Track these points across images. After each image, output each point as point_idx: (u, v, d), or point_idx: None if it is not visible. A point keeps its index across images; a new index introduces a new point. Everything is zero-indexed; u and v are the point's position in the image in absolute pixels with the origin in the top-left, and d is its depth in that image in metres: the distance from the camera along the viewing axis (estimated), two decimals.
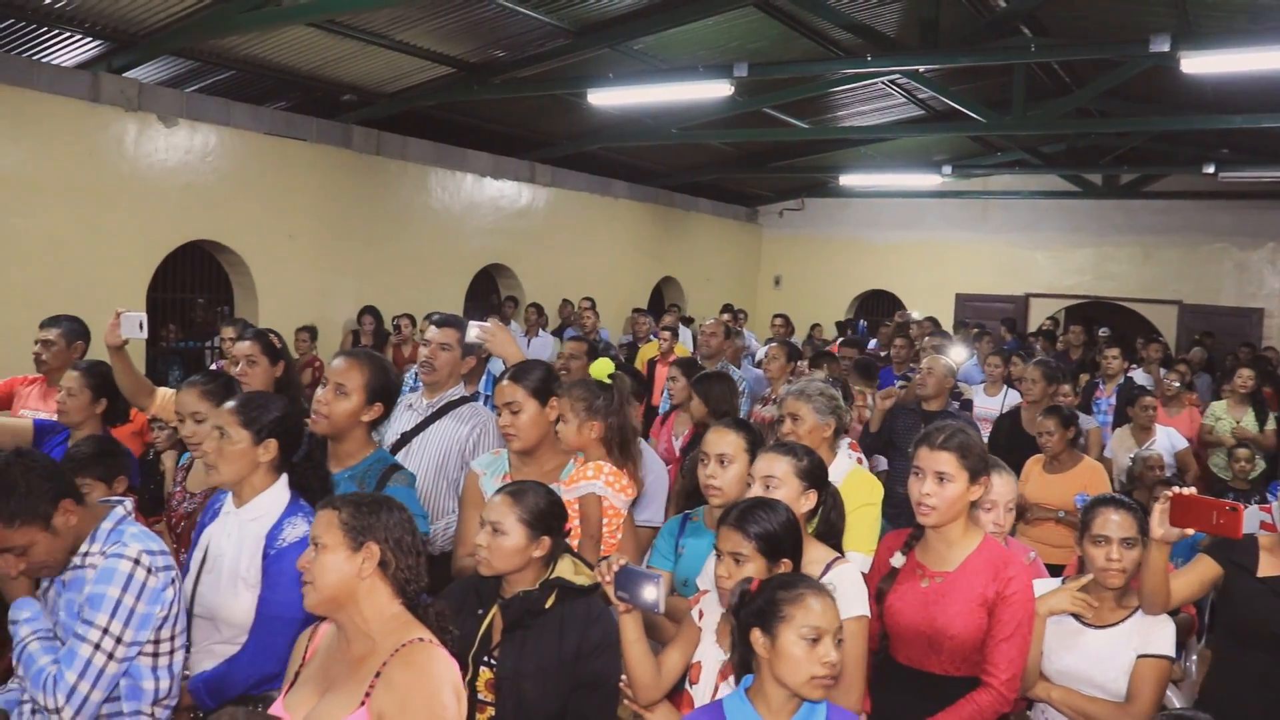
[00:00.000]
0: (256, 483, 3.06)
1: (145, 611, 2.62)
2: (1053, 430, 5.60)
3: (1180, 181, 15.14)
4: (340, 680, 2.36)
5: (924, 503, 3.00)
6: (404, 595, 2.42)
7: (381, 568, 2.38)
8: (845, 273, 18.24)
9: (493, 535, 2.87)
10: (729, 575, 2.73)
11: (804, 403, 3.94)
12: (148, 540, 2.71)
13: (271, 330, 4.58)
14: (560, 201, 14.02)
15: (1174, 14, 8.97)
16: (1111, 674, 3.16)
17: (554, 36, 9.45)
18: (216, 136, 9.54)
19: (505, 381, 3.65)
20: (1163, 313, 16.04)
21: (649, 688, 2.79)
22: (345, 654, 2.40)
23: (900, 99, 12.63)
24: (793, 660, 2.39)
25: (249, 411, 3.07)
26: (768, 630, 2.42)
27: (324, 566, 2.36)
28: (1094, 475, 5.55)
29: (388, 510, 2.45)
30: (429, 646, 2.37)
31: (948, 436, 3.02)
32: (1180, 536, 2.98)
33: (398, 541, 2.41)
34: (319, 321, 10.28)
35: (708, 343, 7.67)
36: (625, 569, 2.69)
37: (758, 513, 2.79)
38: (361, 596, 2.37)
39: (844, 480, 3.80)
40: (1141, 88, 11.52)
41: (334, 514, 2.41)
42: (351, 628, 2.39)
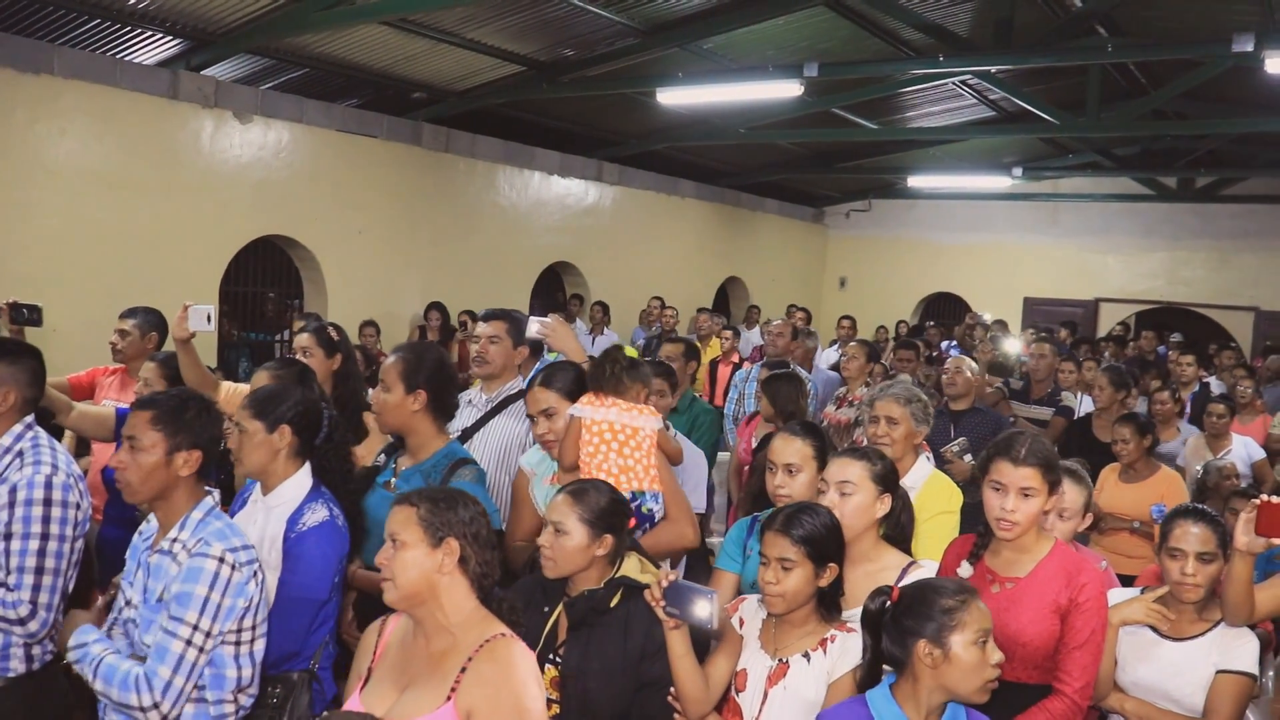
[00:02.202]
0: (279, 470, 3.16)
1: (230, 604, 2.68)
2: (1128, 438, 5.48)
3: (1259, 185, 14.80)
4: (421, 676, 2.37)
5: (1007, 519, 2.93)
6: (480, 590, 2.44)
7: (461, 563, 2.40)
8: (911, 275, 18.07)
9: (555, 535, 2.87)
10: (776, 581, 2.72)
11: (903, 407, 3.92)
12: (231, 536, 2.77)
13: (332, 323, 4.61)
14: (627, 200, 14.05)
15: (1259, 12, 8.77)
16: (1188, 688, 3.10)
17: (624, 35, 9.47)
18: (289, 133, 9.69)
19: (537, 387, 3.60)
20: (1238, 319, 15.68)
21: (699, 701, 2.77)
22: (424, 650, 2.41)
23: (971, 100, 12.49)
24: (968, 667, 2.37)
25: (260, 404, 3.17)
26: (937, 640, 2.39)
27: (404, 563, 2.37)
28: (1171, 485, 5.43)
29: (464, 505, 2.46)
30: (511, 641, 2.38)
31: (1029, 450, 2.94)
32: (1266, 546, 2.92)
33: (475, 536, 2.42)
34: (386, 317, 10.39)
35: (774, 343, 7.63)
36: (676, 585, 2.68)
37: (802, 517, 2.78)
38: (441, 592, 2.38)
39: (923, 486, 3.77)
40: (1221, 89, 11.27)
41: (412, 510, 2.42)
42: (431, 623, 2.39)
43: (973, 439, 5.55)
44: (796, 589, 2.72)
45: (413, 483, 3.40)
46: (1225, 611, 3.11)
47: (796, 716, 2.72)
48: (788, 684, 2.74)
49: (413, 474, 3.49)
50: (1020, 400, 7.30)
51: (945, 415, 5.93)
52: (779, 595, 2.72)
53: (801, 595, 2.74)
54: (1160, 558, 3.25)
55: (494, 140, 11.90)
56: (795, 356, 7.73)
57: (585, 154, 13.20)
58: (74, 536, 3.07)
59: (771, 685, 2.76)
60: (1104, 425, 6.35)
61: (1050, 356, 7.42)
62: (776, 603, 2.74)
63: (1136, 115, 11.08)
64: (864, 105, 11.96)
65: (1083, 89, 10.55)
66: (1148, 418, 5.90)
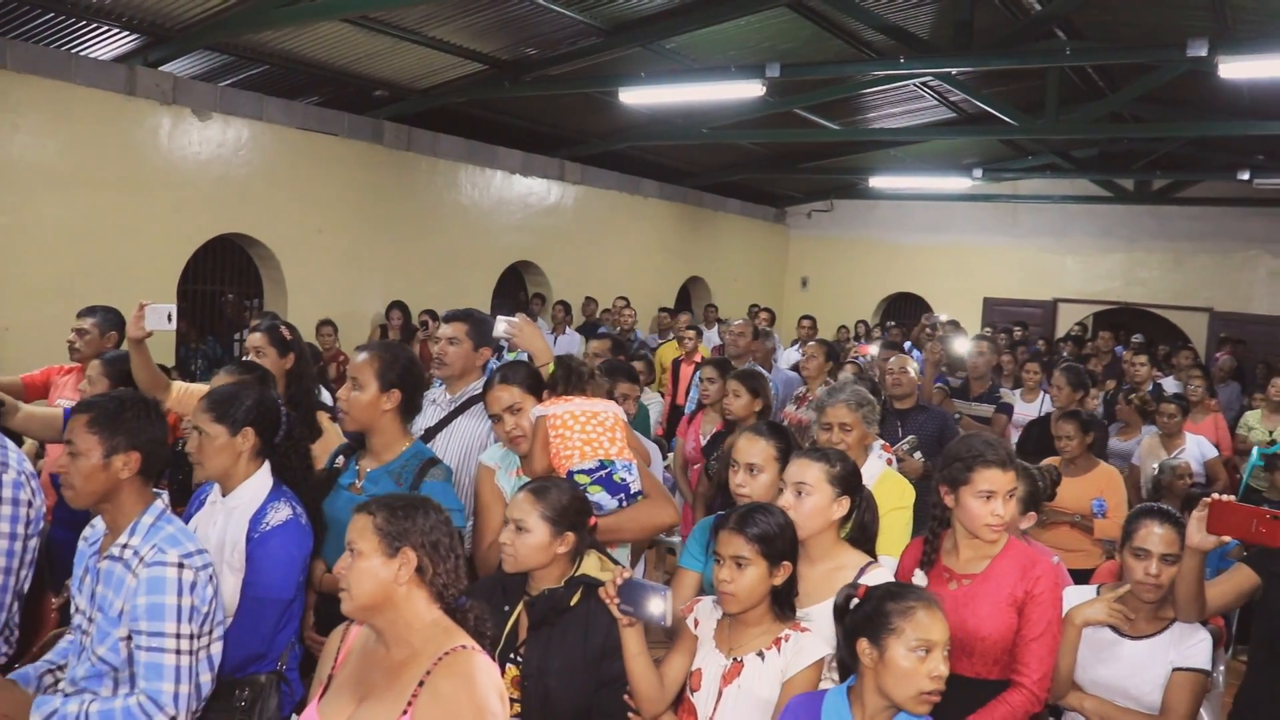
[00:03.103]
0: (240, 472, 3.14)
1: (198, 605, 2.67)
2: (1072, 435, 5.59)
3: (1213, 188, 15.01)
4: (379, 687, 2.32)
5: (996, 524, 3.02)
6: (442, 600, 2.38)
7: (418, 574, 2.34)
8: (872, 275, 18.19)
9: (516, 533, 2.87)
10: (731, 579, 2.73)
11: (854, 412, 3.95)
12: (184, 541, 2.74)
13: (284, 322, 4.57)
14: (589, 199, 14.04)
15: (1212, 18, 8.89)
16: (1146, 686, 3.15)
17: (586, 35, 9.46)
18: (249, 130, 9.60)
19: (497, 386, 3.57)
20: (1193, 320, 15.90)
21: (654, 700, 2.78)
22: (384, 660, 2.36)
23: (931, 101, 12.58)
24: (902, 674, 2.38)
25: (220, 406, 3.13)
26: (875, 641, 2.41)
27: (360, 573, 2.31)
28: (1110, 480, 5.53)
29: (424, 513, 2.39)
30: (472, 654, 2.32)
31: (1008, 454, 3.07)
32: (1217, 544, 2.96)
33: (434, 545, 2.36)
34: (347, 316, 10.33)
35: (735, 343, 7.64)
36: (630, 582, 2.68)
37: (757, 516, 2.79)
38: (399, 603, 2.32)
39: (876, 483, 3.79)
40: (1176, 92, 11.43)
41: (369, 519, 2.36)
42: (391, 633, 2.34)
43: (920, 437, 5.62)
44: (750, 587, 2.73)
45: (381, 484, 3.38)
46: (1178, 608, 3.15)
47: (751, 715, 2.72)
48: (742, 683, 2.75)
49: (380, 475, 3.45)
50: (961, 398, 7.37)
51: (892, 414, 5.97)
52: (732, 593, 2.73)
53: (755, 594, 2.74)
54: (1123, 556, 3.27)
55: (456, 139, 11.86)
56: (755, 357, 7.75)
57: (547, 153, 13.18)
58: (26, 535, 3.02)
59: (726, 684, 2.77)
60: None
61: (989, 354, 7.49)
62: (730, 601, 2.75)
63: (1094, 118, 11.20)
64: (825, 106, 12.02)
65: (1042, 91, 10.64)
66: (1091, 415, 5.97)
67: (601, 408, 3.51)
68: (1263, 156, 13.45)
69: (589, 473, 3.31)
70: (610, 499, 3.33)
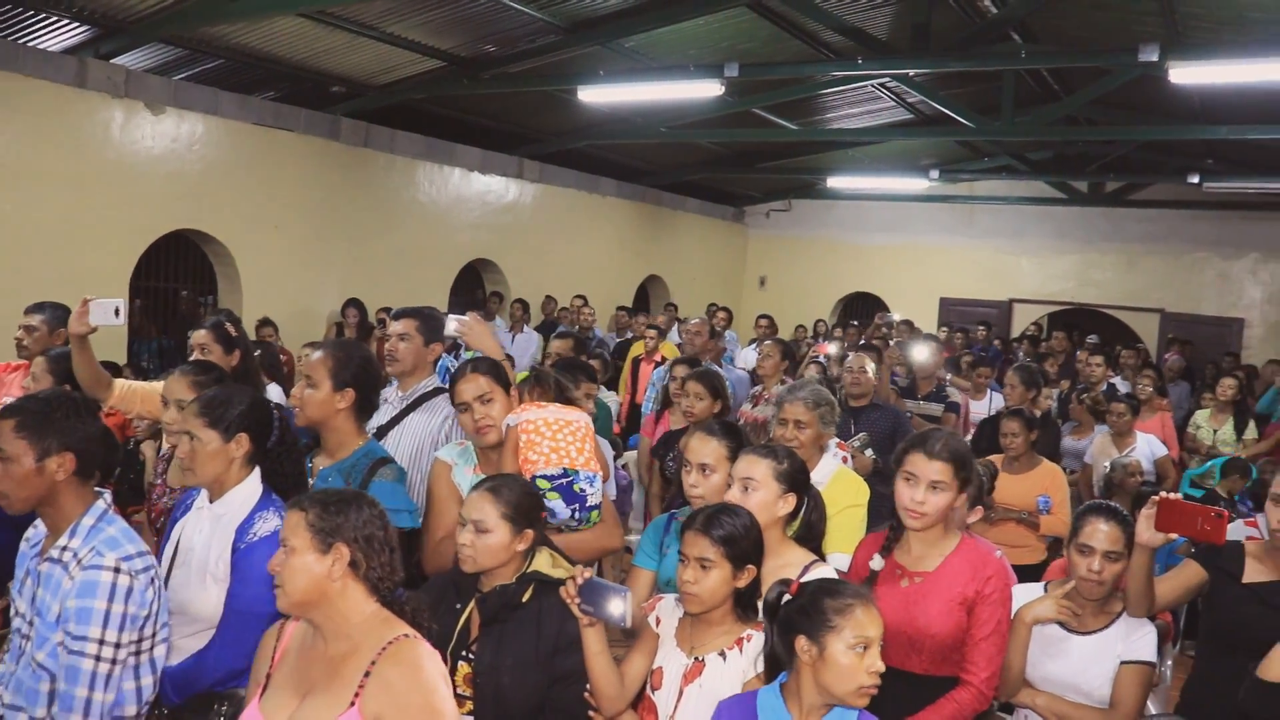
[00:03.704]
0: (230, 478, 3.03)
1: (133, 613, 2.61)
2: (1017, 432, 5.66)
3: (1165, 191, 15.22)
4: (322, 682, 2.32)
5: (915, 509, 3.01)
6: (378, 593, 2.38)
7: (352, 568, 2.34)
8: (830, 274, 18.28)
9: (476, 534, 2.85)
10: (694, 580, 2.73)
11: (811, 411, 3.96)
12: (125, 543, 2.68)
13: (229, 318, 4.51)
14: (548, 198, 14.01)
15: (1163, 24, 9.02)
16: (1096, 680, 3.19)
17: (545, 32, 9.44)
18: (204, 125, 9.50)
19: (469, 374, 3.59)
20: (1145, 321, 16.12)
21: (614, 699, 2.77)
22: (323, 655, 2.35)
23: (889, 102, 12.66)
24: (841, 670, 2.39)
25: (214, 410, 3.03)
26: (814, 638, 2.41)
27: (293, 570, 2.31)
28: (1054, 478, 5.61)
29: (357, 508, 2.39)
30: (415, 642, 2.33)
31: (943, 445, 3.02)
32: (1165, 541, 3.00)
33: (368, 540, 2.36)
34: (303, 313, 10.25)
35: (692, 342, 7.66)
36: (591, 582, 2.68)
37: (723, 518, 2.79)
38: (335, 597, 2.32)
39: (830, 481, 3.82)
40: (1129, 97, 11.57)
41: (301, 515, 2.36)
42: (329, 628, 2.34)
43: (873, 434, 5.65)
44: (713, 589, 2.73)
45: (332, 483, 3.34)
46: (1128, 603, 3.20)
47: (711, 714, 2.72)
48: (703, 682, 2.75)
49: (331, 473, 3.43)
50: (909, 397, 7.44)
51: (846, 411, 6.00)
52: (696, 594, 2.73)
53: (718, 595, 2.75)
54: (1069, 551, 3.32)
55: (414, 136, 11.79)
56: (709, 356, 7.77)
57: (506, 151, 13.14)
58: None
59: (687, 683, 2.77)
60: None
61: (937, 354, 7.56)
62: (693, 602, 2.75)
63: (1049, 121, 11.32)
64: (784, 106, 12.07)
65: (998, 94, 10.75)
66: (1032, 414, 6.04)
67: (574, 416, 3.52)
68: (1212, 160, 13.66)
69: (551, 479, 3.31)
70: (565, 508, 3.34)
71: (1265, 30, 8.79)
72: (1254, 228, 15.42)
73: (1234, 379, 8.69)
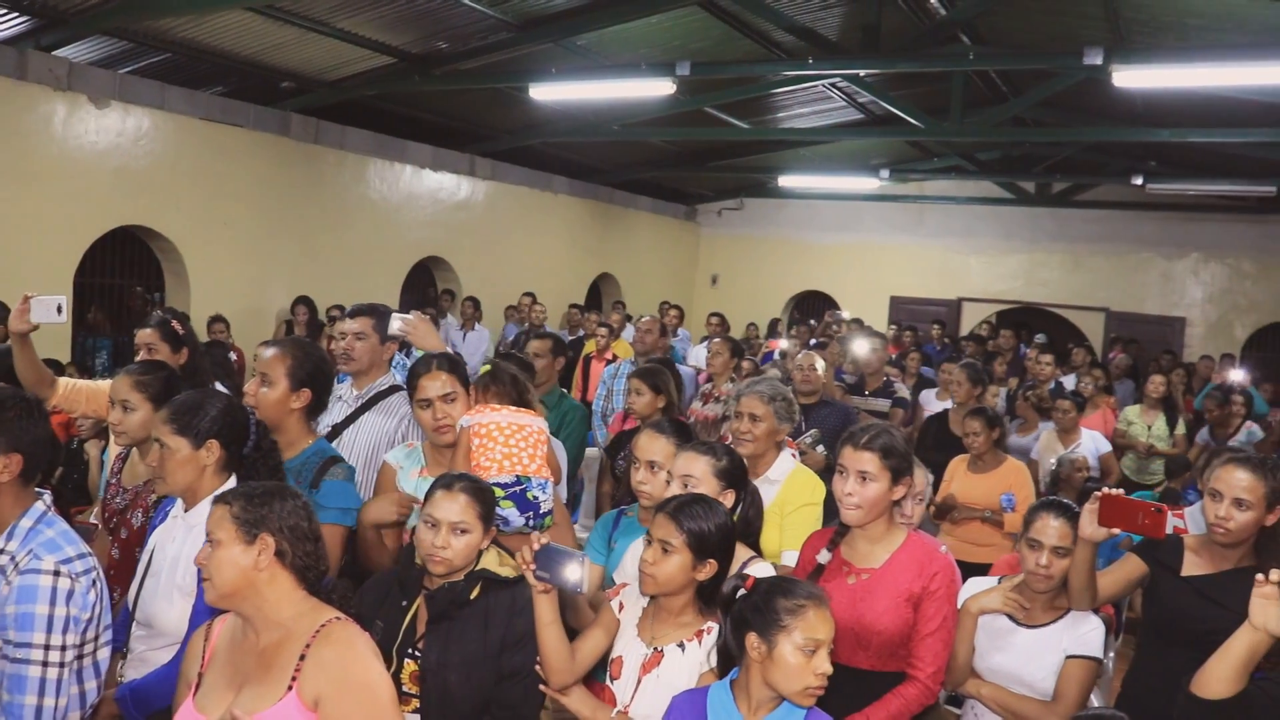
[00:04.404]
0: (203, 487, 2.95)
1: (75, 616, 2.57)
2: (979, 431, 5.70)
3: (1110, 192, 15.45)
4: (255, 673, 2.34)
5: (847, 501, 3.05)
6: (305, 581, 2.41)
7: (279, 557, 2.36)
8: (782, 273, 18.37)
9: (458, 535, 2.85)
10: (653, 561, 2.74)
11: (766, 405, 3.97)
12: (64, 545, 2.63)
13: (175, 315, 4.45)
14: (499, 195, 13.97)
15: (1107, 29, 9.16)
16: (1041, 673, 3.24)
17: (497, 29, 9.41)
18: (150, 120, 9.37)
19: (435, 370, 3.59)
20: (1090, 319, 16.36)
21: (563, 671, 2.78)
22: (254, 647, 2.37)
23: (840, 102, 12.74)
24: (789, 670, 2.40)
25: (183, 417, 2.95)
26: (765, 636, 2.42)
27: (220, 562, 2.33)
28: (1018, 475, 5.66)
29: (280, 499, 2.41)
30: (346, 623, 2.38)
31: (871, 437, 3.06)
32: (1107, 536, 3.06)
33: (293, 529, 2.39)
34: (252, 311, 10.15)
35: (643, 340, 7.67)
36: (547, 547, 2.66)
37: (696, 508, 2.80)
38: (263, 587, 2.35)
39: (787, 479, 3.84)
40: (1075, 99, 11.74)
41: (225, 509, 2.38)
42: (259, 618, 2.36)
43: (823, 431, 5.68)
44: (670, 575, 2.74)
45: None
46: (1071, 597, 3.25)
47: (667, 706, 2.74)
48: (661, 673, 2.76)
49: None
50: (857, 394, 7.50)
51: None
52: (652, 575, 2.74)
53: (674, 582, 2.75)
54: (1019, 546, 3.37)
55: (365, 132, 11.70)
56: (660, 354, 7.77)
57: (458, 148, 13.08)
58: None
59: (645, 673, 2.78)
60: (959, 420, 6.58)
61: (881, 351, 7.63)
62: (648, 582, 2.76)
63: (997, 122, 11.45)
64: (736, 105, 12.12)
65: (947, 95, 10.85)
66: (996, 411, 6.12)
67: (528, 421, 3.52)
68: (1155, 162, 13.89)
69: (504, 486, 3.31)
70: (519, 516, 3.34)
71: (1204, 36, 8.98)
72: (1195, 228, 15.71)
73: (1163, 376, 8.90)
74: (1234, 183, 13.08)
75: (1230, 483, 3.17)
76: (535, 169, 14.62)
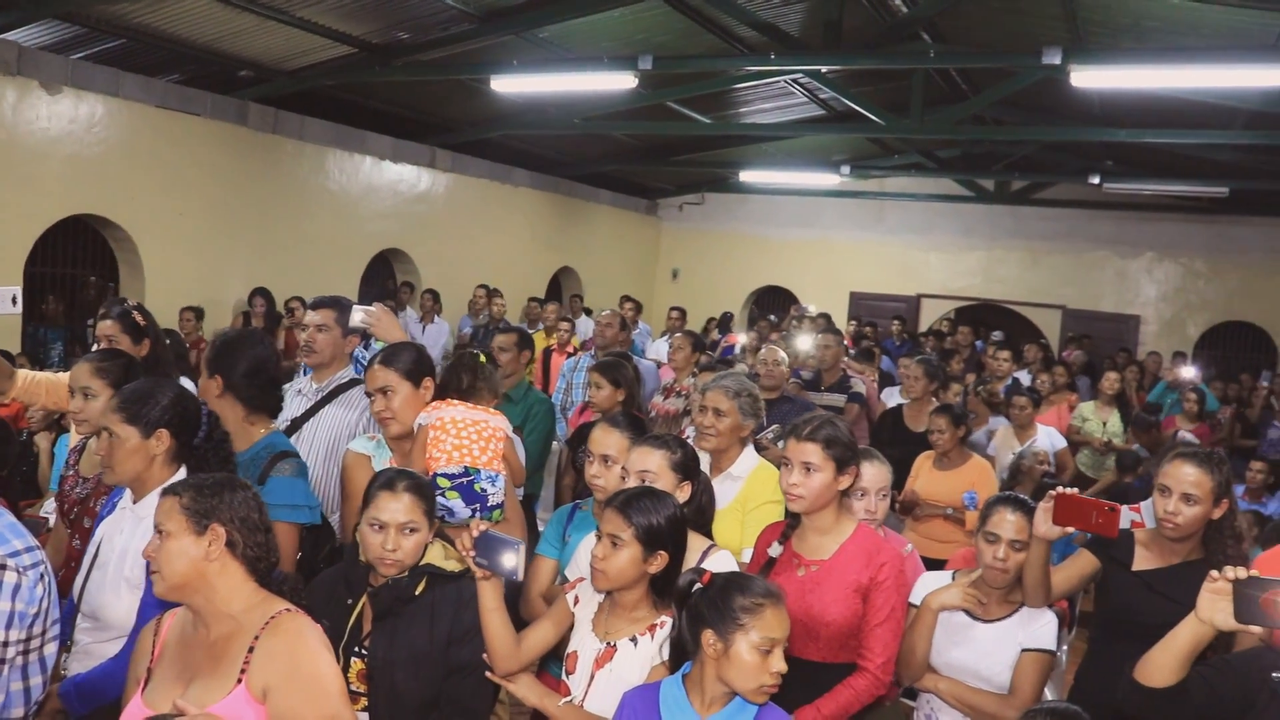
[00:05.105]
0: (152, 477, 2.92)
1: (22, 610, 2.52)
2: (944, 429, 5.72)
3: (1067, 190, 15.61)
4: (205, 666, 2.32)
5: (791, 491, 3.08)
6: (256, 573, 2.40)
7: (229, 548, 2.35)
8: (742, 268, 18.42)
9: (407, 535, 2.84)
10: (604, 556, 2.74)
11: (730, 399, 3.97)
12: (12, 538, 2.59)
13: (136, 306, 4.39)
14: (460, 188, 13.90)
15: (1065, 29, 9.25)
16: (998, 667, 3.27)
17: (459, 21, 9.35)
18: (104, 107, 9.23)
19: (376, 366, 3.61)
20: (1047, 316, 16.54)
21: (507, 657, 2.78)
22: (204, 640, 2.36)
23: (802, 98, 12.78)
24: (745, 668, 2.40)
25: (132, 406, 2.92)
26: (722, 635, 2.41)
27: (169, 554, 2.31)
28: (982, 473, 5.69)
29: (230, 490, 2.40)
30: (296, 615, 2.37)
31: (814, 428, 3.09)
32: (1062, 534, 3.09)
33: (244, 520, 2.38)
34: (209, 302, 10.03)
35: (603, 333, 7.67)
36: (485, 535, 2.67)
37: (644, 501, 2.79)
38: (213, 578, 2.33)
39: (750, 475, 3.84)
40: (1034, 98, 11.85)
41: (175, 500, 2.36)
42: (210, 611, 2.35)
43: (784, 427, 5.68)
44: (621, 569, 2.73)
45: None
46: (1026, 594, 3.28)
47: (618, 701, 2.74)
48: (613, 667, 2.76)
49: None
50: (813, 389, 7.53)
51: None
52: (603, 571, 2.74)
53: (626, 576, 2.75)
54: (977, 540, 3.39)
55: (324, 123, 11.60)
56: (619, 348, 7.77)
57: (418, 140, 13.00)
58: None
59: (598, 668, 2.78)
60: (914, 415, 6.63)
61: (835, 347, 7.68)
62: (600, 578, 2.76)
63: (957, 120, 11.53)
64: (698, 100, 12.12)
65: (908, 92, 10.91)
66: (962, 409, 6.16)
67: (484, 418, 3.54)
68: (1111, 162, 14.06)
69: (451, 477, 3.33)
70: (465, 508, 3.35)
71: (1160, 38, 9.10)
72: (1150, 228, 15.92)
73: (1117, 373, 9.02)
74: (1188, 183, 13.30)
75: (1178, 478, 3.22)
76: (496, 161, 14.55)
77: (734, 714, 2.45)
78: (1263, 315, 15.38)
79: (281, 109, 11.01)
